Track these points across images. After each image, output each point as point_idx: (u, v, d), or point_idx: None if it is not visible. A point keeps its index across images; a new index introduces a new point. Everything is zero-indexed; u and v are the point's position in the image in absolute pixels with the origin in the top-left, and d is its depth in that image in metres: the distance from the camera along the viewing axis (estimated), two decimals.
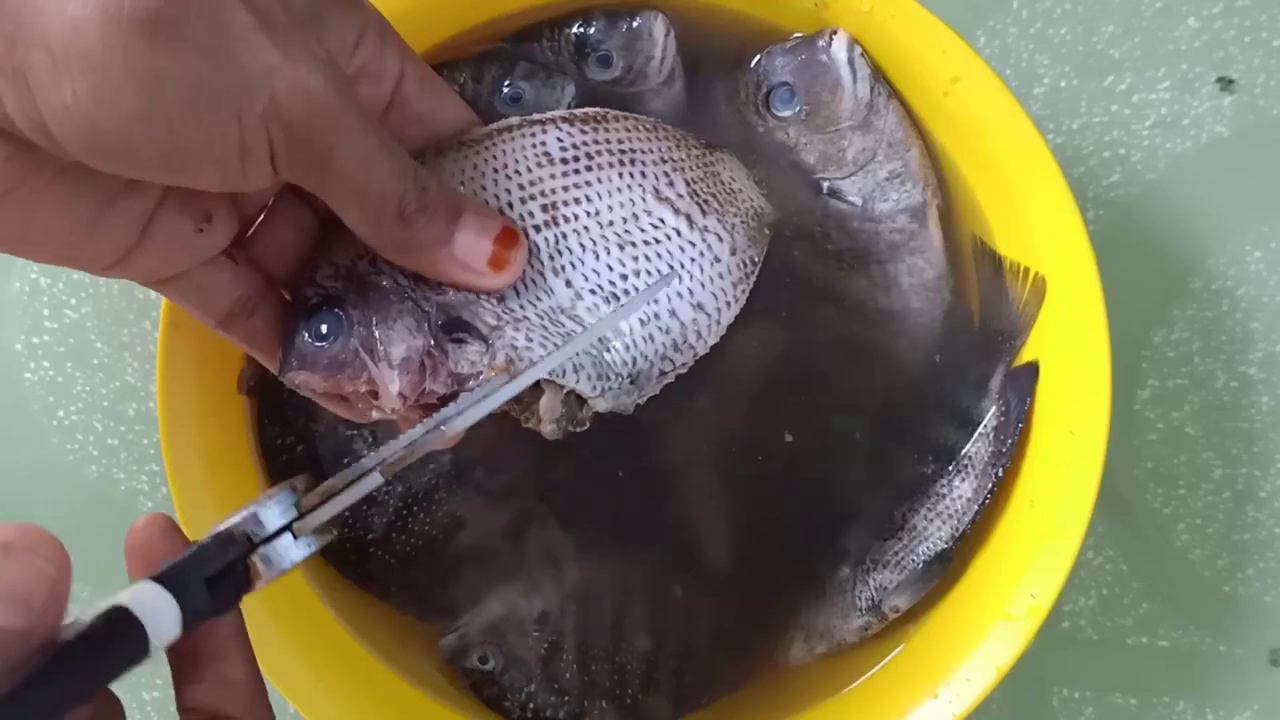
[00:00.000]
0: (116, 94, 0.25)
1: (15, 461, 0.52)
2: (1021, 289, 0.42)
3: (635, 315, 0.34)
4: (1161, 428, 0.50)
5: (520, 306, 0.33)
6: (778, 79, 0.42)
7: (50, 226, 0.29)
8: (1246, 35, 0.50)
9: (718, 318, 0.36)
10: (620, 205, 0.34)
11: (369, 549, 0.45)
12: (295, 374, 0.33)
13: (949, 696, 0.41)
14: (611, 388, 0.34)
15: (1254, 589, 0.50)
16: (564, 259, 0.34)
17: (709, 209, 0.36)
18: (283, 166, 0.28)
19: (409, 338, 0.32)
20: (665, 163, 0.36)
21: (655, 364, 0.35)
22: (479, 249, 0.32)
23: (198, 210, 0.31)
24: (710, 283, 0.35)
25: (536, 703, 0.45)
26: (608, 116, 0.36)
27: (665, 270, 0.35)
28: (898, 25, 0.41)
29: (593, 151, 0.35)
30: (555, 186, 0.34)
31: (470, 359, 0.33)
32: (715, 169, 0.37)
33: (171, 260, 0.32)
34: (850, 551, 0.45)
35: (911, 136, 0.43)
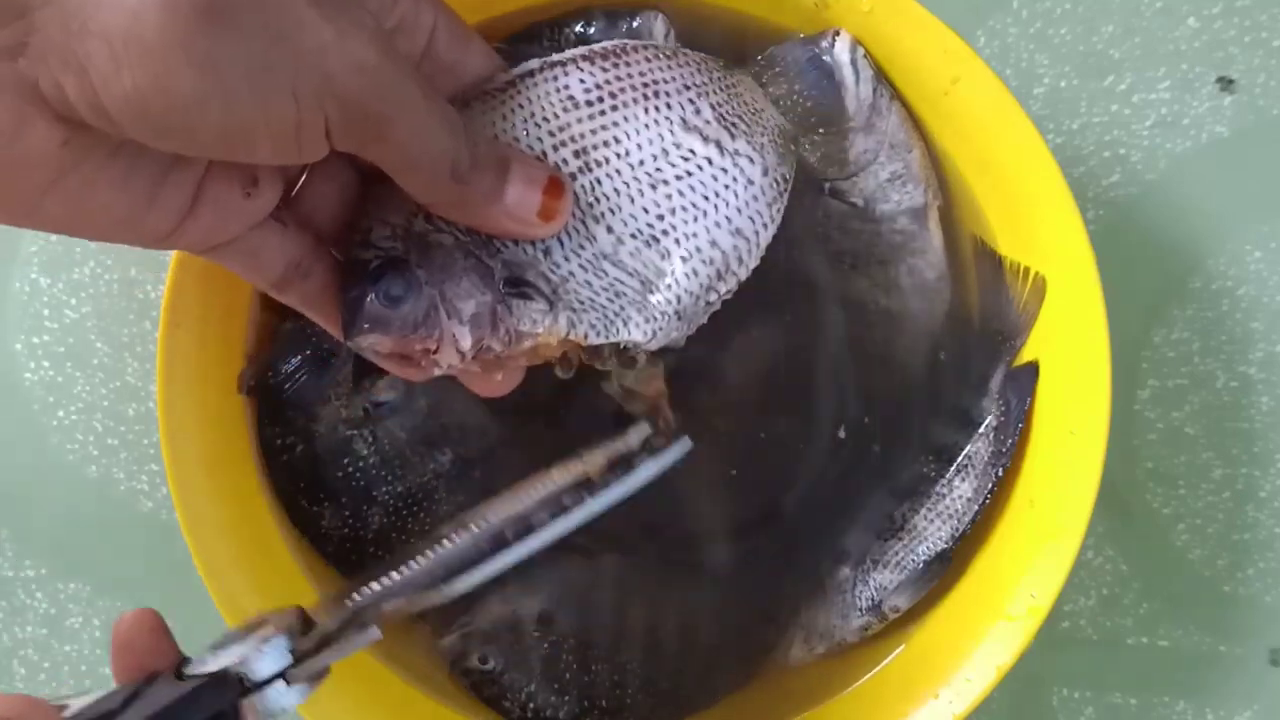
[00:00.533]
0: (175, 80, 0.25)
1: (15, 461, 0.52)
2: (1021, 289, 0.42)
3: (677, 253, 0.34)
4: (1161, 428, 0.50)
5: (565, 258, 0.33)
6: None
7: (109, 204, 0.29)
8: (1246, 35, 0.50)
9: (757, 240, 0.36)
10: (649, 142, 0.34)
11: (369, 549, 0.45)
12: (365, 337, 0.33)
13: (949, 696, 0.41)
14: (661, 327, 0.34)
15: (1254, 589, 0.50)
16: (602, 205, 0.34)
17: (737, 131, 0.36)
18: (338, 139, 0.28)
19: (477, 294, 0.32)
20: (689, 89, 0.36)
21: (701, 296, 0.35)
22: (529, 201, 0.32)
23: (245, 175, 0.32)
24: (747, 206, 0.35)
25: (536, 703, 0.45)
26: (627, 49, 0.36)
27: (701, 202, 0.35)
28: (898, 25, 0.41)
29: (616, 90, 0.35)
30: (584, 130, 0.34)
31: (534, 316, 0.33)
32: (738, 89, 0.37)
33: (222, 226, 0.32)
34: (850, 551, 0.45)
35: (913, 138, 0.43)
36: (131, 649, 0.30)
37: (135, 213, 0.30)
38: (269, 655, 0.29)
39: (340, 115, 0.28)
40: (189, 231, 0.31)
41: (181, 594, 0.51)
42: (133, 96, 0.25)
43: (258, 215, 0.33)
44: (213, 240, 0.32)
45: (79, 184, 0.28)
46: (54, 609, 0.51)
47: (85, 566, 0.52)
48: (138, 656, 0.30)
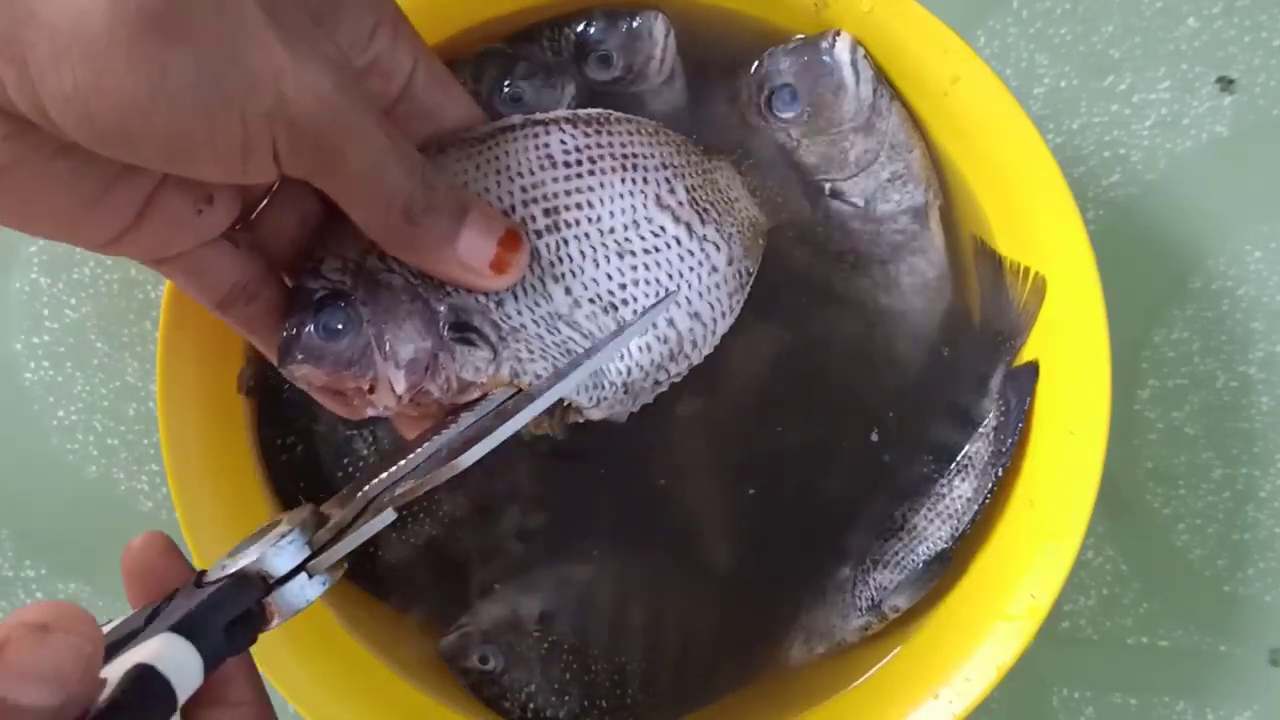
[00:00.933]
0: (118, 83, 0.25)
1: (15, 462, 0.52)
2: (1021, 289, 0.42)
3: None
4: (1161, 428, 0.50)
5: (518, 312, 0.33)
6: (780, 81, 0.42)
7: (51, 203, 0.29)
8: (1246, 35, 0.50)
9: (713, 328, 0.36)
10: (622, 211, 0.34)
11: (369, 549, 0.45)
12: (298, 367, 0.33)
13: (949, 696, 0.41)
14: (606, 397, 0.34)
15: (1254, 589, 0.50)
16: (564, 266, 0.34)
17: (708, 218, 0.36)
18: (287, 164, 0.28)
19: (417, 339, 0.32)
20: (667, 168, 0.36)
21: (651, 374, 0.35)
22: (483, 250, 0.32)
23: (199, 192, 0.31)
24: (708, 292, 0.36)
25: (536, 703, 0.45)
26: (610, 118, 0.36)
27: (665, 279, 0.35)
28: (898, 25, 0.41)
29: (595, 155, 0.35)
30: (558, 190, 0.34)
31: (476, 364, 0.33)
32: (714, 176, 0.38)
33: (170, 240, 0.32)
34: (850, 551, 0.45)
35: (913, 138, 0.43)
36: (145, 574, 0.29)
37: (77, 215, 0.29)
38: (286, 551, 0.28)
39: (289, 140, 0.27)
40: (134, 240, 0.31)
41: None
42: (72, 96, 0.25)
43: (208, 233, 0.32)
44: (159, 253, 0.32)
45: (23, 181, 0.28)
46: None
47: (85, 566, 0.52)
48: (153, 580, 0.29)
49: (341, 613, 0.45)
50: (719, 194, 0.37)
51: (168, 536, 0.30)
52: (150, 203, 0.30)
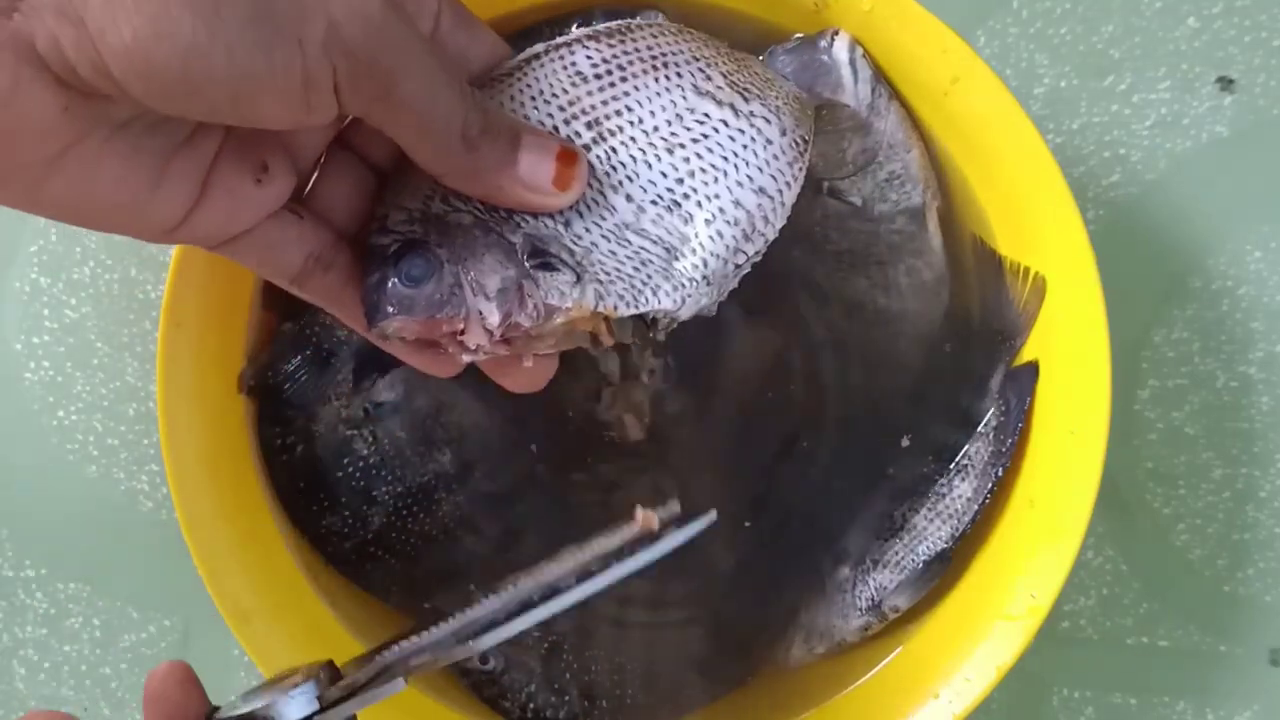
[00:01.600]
0: (175, 26, 0.25)
1: (15, 461, 0.52)
2: (1021, 289, 0.42)
3: (700, 216, 0.34)
4: (1161, 428, 0.50)
5: (587, 230, 0.33)
6: None
7: (113, 186, 0.28)
8: (1246, 35, 0.50)
9: (781, 199, 0.35)
10: (662, 109, 0.34)
11: (369, 549, 0.45)
12: (390, 321, 0.32)
13: (949, 696, 0.41)
14: (690, 295, 0.34)
15: (1254, 589, 0.50)
16: (619, 174, 0.34)
17: (751, 95, 0.36)
18: (346, 96, 0.28)
19: (501, 269, 0.32)
20: (698, 60, 0.36)
21: (729, 259, 0.35)
22: (543, 169, 0.32)
23: (254, 160, 0.31)
24: (768, 165, 0.35)
25: (536, 703, 0.45)
26: (630, 27, 0.36)
27: (720, 163, 0.34)
28: (898, 25, 0.41)
29: (624, 62, 0.35)
30: (595, 102, 0.34)
31: (560, 288, 0.32)
32: (747, 62, 0.37)
33: (234, 216, 0.32)
34: (850, 551, 0.45)
35: (912, 138, 0.43)
36: (163, 700, 0.30)
37: (140, 199, 0.29)
38: (296, 701, 0.29)
39: (347, 68, 0.27)
40: (200, 222, 0.31)
41: (182, 594, 0.51)
42: (132, 48, 0.25)
43: (271, 205, 0.32)
44: (226, 231, 0.32)
45: (82, 161, 0.27)
46: (54, 609, 0.51)
47: (85, 566, 0.52)
48: (169, 707, 0.30)
49: (342, 612, 0.45)
50: (755, 75, 0.37)
51: (188, 667, 0.31)
52: (209, 179, 0.30)
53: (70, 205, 0.29)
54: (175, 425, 0.41)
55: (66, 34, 0.25)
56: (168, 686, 0.30)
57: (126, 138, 0.28)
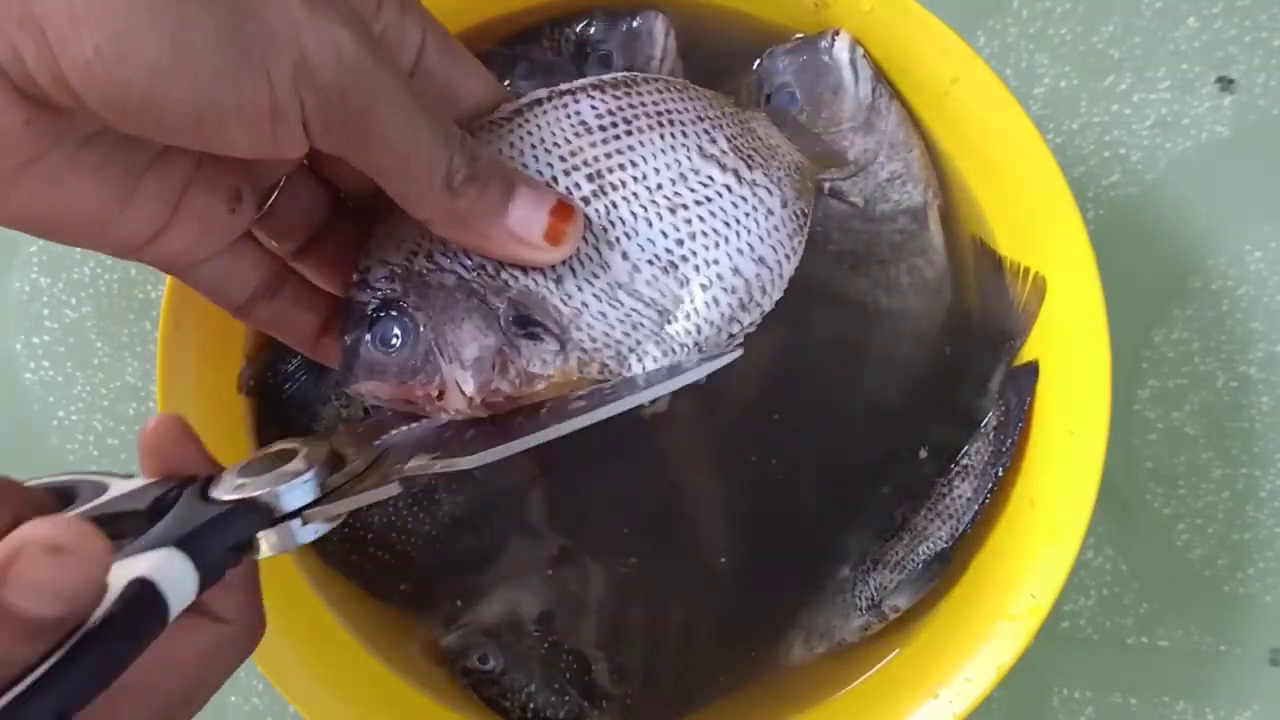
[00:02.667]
0: (139, 45, 0.24)
1: (15, 461, 0.52)
2: (1021, 289, 0.42)
3: (696, 280, 0.33)
4: (1161, 428, 0.50)
5: (578, 288, 0.32)
6: (779, 80, 0.42)
7: (79, 200, 0.28)
8: (1246, 35, 0.50)
9: (779, 270, 0.35)
10: (667, 167, 0.34)
11: (369, 549, 0.45)
12: (362, 385, 0.32)
13: (949, 696, 0.41)
14: (679, 360, 0.33)
15: (1254, 589, 0.50)
16: (617, 230, 0.33)
17: (754, 163, 0.35)
18: (317, 133, 0.27)
19: (480, 336, 0.31)
20: (703, 120, 0.35)
21: (722, 328, 0.34)
22: (535, 222, 0.31)
23: (229, 188, 0.31)
24: (768, 236, 0.35)
25: (536, 703, 0.45)
26: (637, 80, 0.35)
27: (722, 228, 0.34)
28: (898, 25, 0.41)
29: (630, 116, 0.34)
30: (598, 154, 0.33)
31: (543, 357, 0.32)
32: (750, 125, 0.37)
33: (202, 241, 0.31)
34: (850, 551, 0.45)
35: (913, 137, 0.43)
36: (158, 455, 0.29)
37: (108, 213, 0.28)
38: (298, 491, 0.28)
39: (318, 103, 0.26)
40: (166, 243, 0.30)
41: None
42: (94, 63, 0.24)
43: (237, 231, 0.32)
44: (192, 255, 0.31)
45: (47, 175, 0.27)
46: None
47: None
48: (165, 462, 0.29)
49: (341, 613, 0.45)
50: (759, 141, 0.36)
51: (183, 421, 0.30)
52: (182, 201, 0.30)
53: (34, 217, 0.28)
54: None
55: (28, 46, 0.24)
56: (162, 441, 0.29)
57: (94, 151, 0.28)
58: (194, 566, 0.25)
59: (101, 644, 0.23)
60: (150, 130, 0.26)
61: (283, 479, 0.28)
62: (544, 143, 0.33)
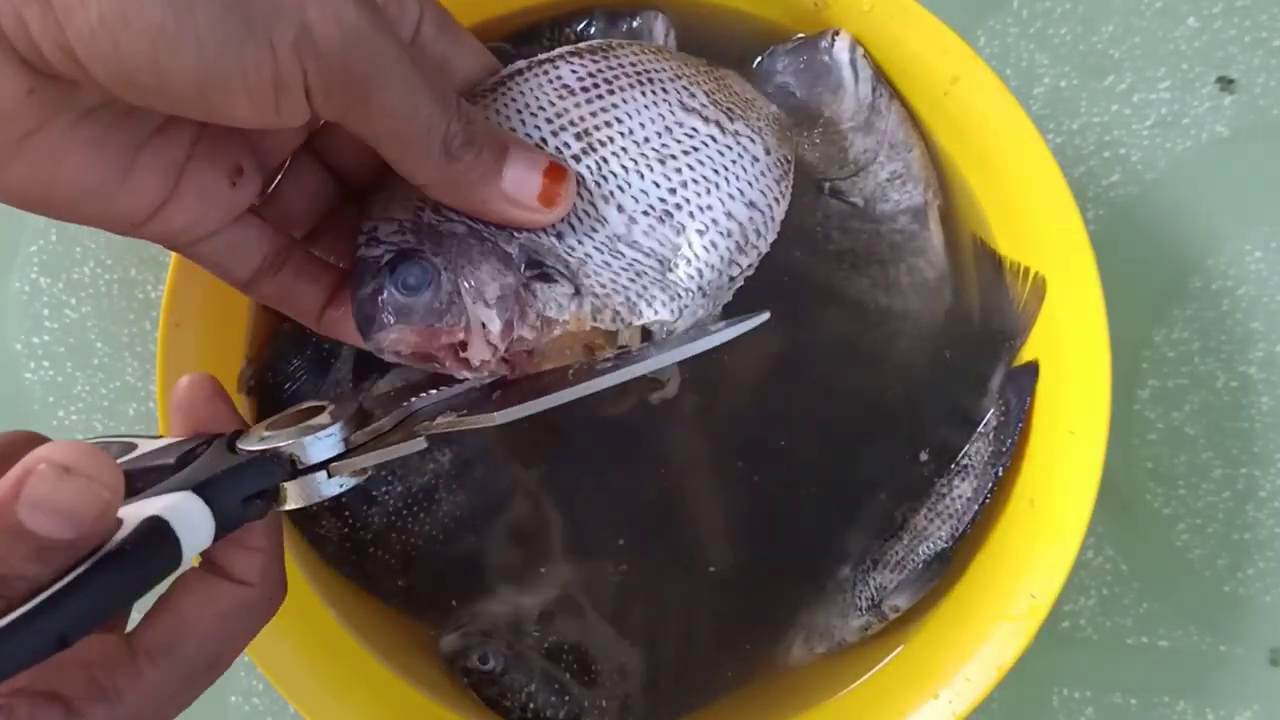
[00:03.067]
0: (143, 12, 0.24)
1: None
2: (1021, 289, 0.42)
3: (692, 227, 0.34)
4: (1161, 428, 0.50)
5: (579, 242, 0.33)
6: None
7: (79, 174, 0.28)
8: (1246, 35, 0.50)
9: (771, 214, 0.36)
10: (651, 121, 0.34)
11: (369, 549, 0.45)
12: (387, 333, 0.31)
13: (949, 696, 0.41)
14: (686, 305, 0.34)
15: (1254, 589, 0.50)
16: (610, 184, 0.33)
17: (734, 115, 0.36)
18: (319, 100, 0.27)
19: (499, 275, 0.31)
20: (680, 78, 0.36)
21: (723, 270, 0.35)
22: (529, 184, 0.31)
23: (230, 162, 0.31)
24: (756, 180, 0.36)
25: (536, 703, 0.45)
26: (611, 44, 0.36)
27: (711, 175, 0.35)
28: (898, 25, 0.41)
29: (610, 76, 0.35)
30: (584, 114, 0.34)
31: (559, 300, 0.32)
32: (726, 81, 0.38)
33: (204, 216, 0.31)
34: (850, 551, 0.45)
35: (913, 137, 0.43)
36: (188, 412, 0.30)
37: (108, 188, 0.29)
38: (323, 444, 0.29)
39: (320, 72, 0.26)
40: (168, 218, 0.30)
41: None
42: (99, 31, 0.24)
43: (239, 208, 0.32)
44: (193, 231, 0.31)
45: (47, 146, 0.27)
46: None
47: None
48: (194, 420, 0.30)
49: (341, 613, 0.45)
50: (735, 96, 0.37)
51: (215, 381, 0.30)
52: (182, 176, 0.30)
53: (33, 190, 0.28)
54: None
55: (33, 14, 0.24)
56: (194, 399, 0.30)
57: (94, 124, 0.28)
58: (211, 512, 0.26)
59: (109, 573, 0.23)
60: (154, 100, 0.26)
61: (308, 431, 0.29)
62: (528, 107, 0.34)
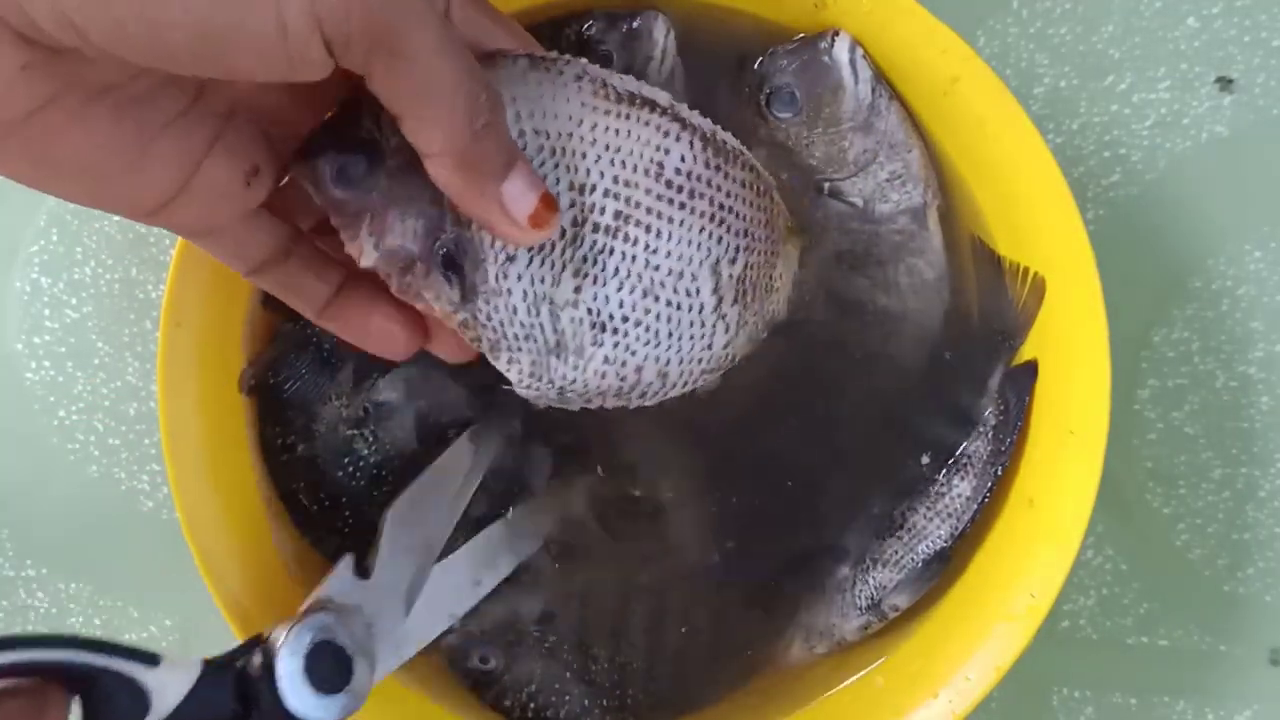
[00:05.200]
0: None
1: (16, 461, 0.52)
2: (1021, 289, 0.42)
3: (603, 352, 0.34)
4: (1161, 428, 0.50)
5: (519, 276, 0.32)
6: (779, 81, 0.42)
7: (88, 154, 0.27)
8: (1246, 35, 0.50)
9: (668, 391, 0.36)
10: (679, 258, 0.33)
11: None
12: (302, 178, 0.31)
13: (949, 696, 0.41)
14: (535, 390, 0.34)
15: (1254, 589, 0.50)
16: (592, 269, 0.33)
17: (740, 300, 0.35)
18: (339, 48, 0.26)
19: (410, 239, 0.31)
20: (745, 236, 0.35)
21: (588, 394, 0.35)
22: (525, 200, 0.30)
23: (247, 162, 0.31)
24: (685, 362, 0.35)
25: (537, 703, 0.45)
26: (739, 159, 0.34)
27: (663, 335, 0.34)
28: (898, 25, 0.41)
29: (699, 191, 0.33)
30: (641, 202, 0.33)
31: (439, 294, 0.32)
32: (775, 260, 0.36)
33: (216, 212, 0.31)
34: (850, 551, 0.45)
35: (912, 138, 0.43)
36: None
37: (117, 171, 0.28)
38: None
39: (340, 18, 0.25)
40: (179, 210, 0.30)
41: (181, 594, 0.51)
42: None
43: (252, 204, 0.32)
44: (205, 224, 0.31)
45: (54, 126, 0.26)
46: (54, 609, 0.52)
47: (85, 566, 0.52)
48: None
49: None
50: (767, 280, 0.36)
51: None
52: (198, 172, 0.29)
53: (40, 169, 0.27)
54: (176, 425, 0.41)
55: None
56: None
57: (105, 105, 0.27)
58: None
59: None
60: (154, 57, 0.25)
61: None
62: (618, 151, 0.32)
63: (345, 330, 0.35)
